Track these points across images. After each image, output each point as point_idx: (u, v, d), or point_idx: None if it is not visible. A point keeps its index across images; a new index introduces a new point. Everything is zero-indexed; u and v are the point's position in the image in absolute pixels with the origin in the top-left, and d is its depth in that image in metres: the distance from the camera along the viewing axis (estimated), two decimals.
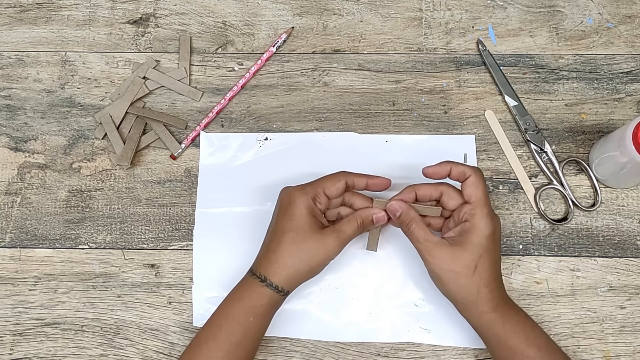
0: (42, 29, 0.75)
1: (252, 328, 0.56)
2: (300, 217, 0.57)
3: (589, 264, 0.66)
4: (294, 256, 0.57)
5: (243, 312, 0.56)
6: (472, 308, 0.56)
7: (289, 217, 0.58)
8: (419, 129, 0.70)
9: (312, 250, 0.57)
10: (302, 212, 0.57)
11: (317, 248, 0.57)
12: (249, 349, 0.56)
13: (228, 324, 0.56)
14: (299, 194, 0.58)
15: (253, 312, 0.56)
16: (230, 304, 0.57)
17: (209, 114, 0.70)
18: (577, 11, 0.74)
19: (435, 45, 0.73)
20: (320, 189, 0.59)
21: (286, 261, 0.57)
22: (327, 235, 0.57)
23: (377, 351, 0.64)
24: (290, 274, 0.56)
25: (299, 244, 0.57)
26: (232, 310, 0.57)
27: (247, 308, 0.56)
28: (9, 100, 0.73)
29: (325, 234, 0.57)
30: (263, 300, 0.56)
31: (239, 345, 0.55)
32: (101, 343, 0.65)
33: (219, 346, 0.55)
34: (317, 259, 0.57)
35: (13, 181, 0.70)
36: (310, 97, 0.72)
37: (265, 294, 0.56)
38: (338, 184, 0.59)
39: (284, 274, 0.56)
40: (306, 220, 0.57)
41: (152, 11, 0.76)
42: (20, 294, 0.66)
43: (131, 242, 0.68)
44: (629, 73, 0.71)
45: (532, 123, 0.69)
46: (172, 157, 0.70)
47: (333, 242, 0.57)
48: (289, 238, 0.57)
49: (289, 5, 0.76)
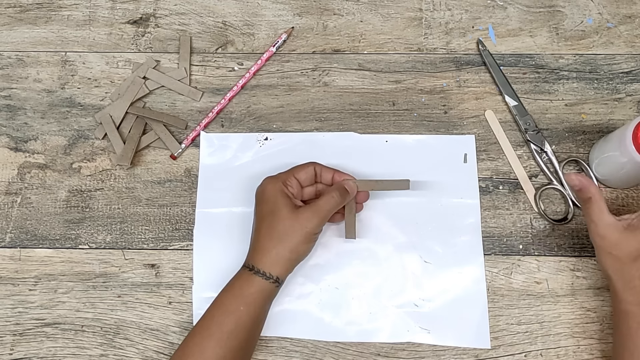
0: (42, 29, 0.75)
1: (243, 317, 0.56)
2: (273, 200, 0.59)
3: (589, 264, 0.65)
4: (273, 238, 0.58)
5: (233, 301, 0.57)
6: (621, 292, 0.56)
7: (263, 204, 0.60)
8: (419, 129, 0.70)
9: (288, 228, 0.58)
10: (275, 195, 0.59)
11: (292, 225, 0.58)
12: (241, 338, 0.57)
13: (219, 313, 0.57)
14: (269, 181, 0.61)
15: (243, 301, 0.57)
16: (222, 295, 0.58)
17: (209, 114, 0.70)
18: (577, 11, 0.74)
19: (435, 45, 0.73)
20: (290, 174, 0.61)
21: (266, 245, 0.58)
22: (301, 212, 0.58)
23: (377, 351, 0.64)
24: (273, 258, 0.57)
25: (275, 226, 0.58)
26: (223, 300, 0.58)
27: (237, 297, 0.57)
28: (9, 100, 0.73)
29: (299, 211, 0.58)
30: (252, 289, 0.57)
31: (230, 334, 0.56)
32: (101, 343, 0.65)
33: (210, 335, 0.56)
34: (295, 236, 0.58)
35: (13, 181, 0.70)
36: (310, 97, 0.72)
37: (254, 282, 0.57)
38: (307, 169, 0.62)
39: (267, 258, 0.57)
40: (279, 202, 0.59)
41: (152, 11, 0.76)
42: (20, 294, 0.66)
43: (131, 242, 0.68)
44: (629, 73, 0.71)
45: (532, 123, 0.69)
46: (172, 157, 0.70)
47: (308, 216, 0.58)
48: (266, 222, 0.59)
49: (289, 5, 0.76)
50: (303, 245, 0.59)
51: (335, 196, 0.60)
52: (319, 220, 0.59)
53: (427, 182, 0.67)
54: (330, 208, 0.59)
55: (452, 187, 0.67)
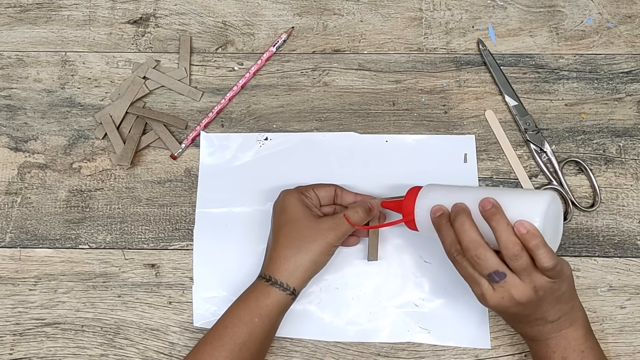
0: (42, 29, 0.75)
1: (257, 329, 0.56)
2: (292, 209, 0.58)
3: (589, 264, 0.66)
4: (292, 246, 0.57)
5: (248, 313, 0.56)
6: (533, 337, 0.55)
7: (282, 213, 0.59)
8: (419, 129, 0.70)
9: (308, 237, 0.56)
10: (294, 203, 0.58)
11: (313, 235, 0.56)
12: (253, 350, 0.56)
13: (233, 324, 0.56)
14: (288, 191, 0.60)
15: (258, 313, 0.56)
16: (236, 305, 0.57)
17: (209, 113, 0.70)
18: (577, 11, 0.74)
19: (436, 45, 0.73)
20: (310, 187, 0.61)
21: (285, 253, 0.57)
22: (323, 221, 0.57)
23: (377, 351, 0.64)
24: (291, 267, 0.56)
25: (294, 234, 0.57)
26: (237, 311, 0.57)
27: (252, 308, 0.56)
28: (9, 100, 0.73)
29: (320, 221, 0.57)
30: (268, 300, 0.56)
31: (243, 345, 0.55)
32: (101, 343, 0.65)
33: (222, 346, 0.55)
34: (315, 246, 0.56)
35: (13, 181, 0.70)
36: (310, 97, 0.72)
37: (270, 293, 0.56)
38: (328, 187, 0.61)
39: (286, 268, 0.56)
40: (299, 211, 0.58)
41: (152, 11, 0.76)
42: (20, 294, 0.66)
43: (131, 242, 0.68)
44: (629, 73, 0.71)
45: (532, 123, 0.69)
46: (173, 157, 0.70)
47: (331, 226, 0.57)
48: (284, 231, 0.58)
49: (289, 5, 0.76)
50: (323, 257, 0.57)
51: (360, 212, 0.58)
52: (340, 233, 0.57)
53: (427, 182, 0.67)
54: (350, 225, 0.58)
55: None
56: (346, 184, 0.66)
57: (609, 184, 0.68)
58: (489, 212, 0.51)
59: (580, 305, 0.55)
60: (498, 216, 0.50)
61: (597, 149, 0.69)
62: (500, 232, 0.50)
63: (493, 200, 0.52)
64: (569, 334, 0.53)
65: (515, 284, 0.50)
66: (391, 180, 0.67)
